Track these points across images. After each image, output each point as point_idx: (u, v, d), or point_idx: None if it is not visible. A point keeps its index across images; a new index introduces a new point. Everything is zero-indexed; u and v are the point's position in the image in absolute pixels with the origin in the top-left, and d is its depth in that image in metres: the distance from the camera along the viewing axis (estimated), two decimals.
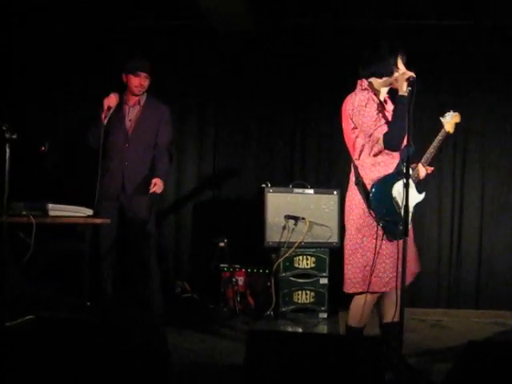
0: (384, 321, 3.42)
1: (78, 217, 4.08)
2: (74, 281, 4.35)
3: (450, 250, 5.54)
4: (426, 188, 3.49)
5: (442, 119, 3.44)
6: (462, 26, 5.39)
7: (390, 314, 3.27)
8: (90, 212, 4.18)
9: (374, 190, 3.20)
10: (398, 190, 3.20)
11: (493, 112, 5.46)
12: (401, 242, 2.91)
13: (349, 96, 3.36)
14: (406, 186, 2.75)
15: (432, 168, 3.44)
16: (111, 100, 4.31)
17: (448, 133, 3.42)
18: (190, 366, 3.55)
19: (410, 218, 3.02)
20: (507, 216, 5.58)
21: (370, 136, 3.23)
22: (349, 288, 3.35)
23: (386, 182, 3.23)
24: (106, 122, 4.29)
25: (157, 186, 4.40)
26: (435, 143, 3.37)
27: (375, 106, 3.24)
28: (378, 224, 3.19)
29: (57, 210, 4.01)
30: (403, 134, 3.05)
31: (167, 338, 2.77)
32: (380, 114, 3.22)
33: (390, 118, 3.23)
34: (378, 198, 3.20)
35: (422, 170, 3.36)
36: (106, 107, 4.28)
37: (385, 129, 3.18)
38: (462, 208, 5.58)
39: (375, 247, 3.19)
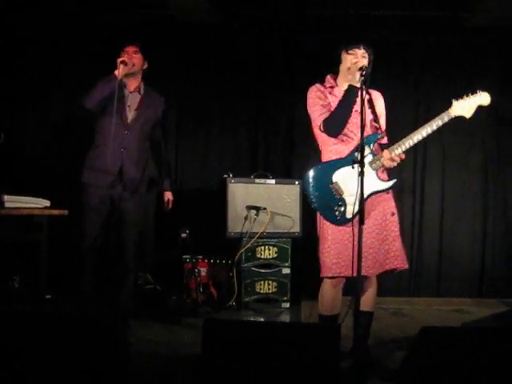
0: (356, 308, 3.44)
1: (34, 208, 4.02)
2: (32, 273, 4.28)
3: (411, 239, 5.60)
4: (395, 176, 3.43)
5: (456, 101, 3.23)
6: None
7: (363, 302, 3.27)
8: (47, 203, 4.12)
9: (308, 174, 3.33)
10: (342, 175, 3.27)
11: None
12: (356, 226, 2.91)
13: None
14: (361, 173, 2.75)
15: (403, 156, 3.29)
16: (124, 57, 4.14)
17: (462, 117, 3.24)
18: (152, 356, 3.53)
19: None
20: (468, 204, 5.67)
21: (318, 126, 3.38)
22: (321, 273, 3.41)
23: (327, 167, 3.34)
24: (120, 76, 4.08)
25: (170, 200, 4.65)
26: (424, 129, 3.21)
27: (326, 97, 3.38)
28: (311, 206, 3.33)
29: (13, 202, 3.94)
30: (342, 122, 3.25)
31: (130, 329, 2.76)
32: (328, 106, 3.34)
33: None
34: (311, 182, 3.32)
35: (388, 158, 3.25)
36: (118, 62, 4.07)
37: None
38: (422, 196, 5.65)
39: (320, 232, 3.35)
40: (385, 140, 3.42)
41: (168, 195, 4.67)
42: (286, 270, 5.01)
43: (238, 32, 5.52)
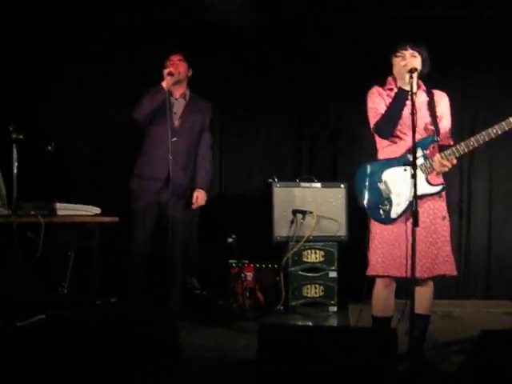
0: (412, 311, 3.41)
1: (86, 215, 4.10)
2: (84, 279, 4.36)
3: (459, 240, 5.51)
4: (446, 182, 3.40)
5: None
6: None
7: (418, 304, 3.24)
8: (97, 210, 4.19)
9: (359, 170, 3.39)
10: (392, 175, 3.29)
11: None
12: (406, 228, 2.88)
13: None
14: (414, 176, 2.74)
15: (454, 161, 3.25)
16: (171, 67, 4.22)
17: None
18: (202, 361, 3.54)
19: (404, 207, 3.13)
20: None
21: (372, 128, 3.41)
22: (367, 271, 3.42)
23: (378, 166, 3.36)
24: (168, 88, 4.18)
25: (199, 199, 4.47)
26: (482, 136, 3.17)
27: (383, 100, 3.37)
28: (358, 204, 3.36)
29: (65, 209, 4.03)
30: (391, 124, 3.29)
31: (180, 334, 2.79)
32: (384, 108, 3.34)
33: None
34: (361, 178, 3.36)
35: (439, 162, 3.22)
36: (165, 73, 4.17)
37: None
38: (470, 196, 5.55)
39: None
40: (447, 141, 3.37)
41: (198, 193, 4.50)
42: (333, 274, 4.99)
43: (282, 35, 5.49)
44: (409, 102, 3.17)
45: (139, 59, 5.22)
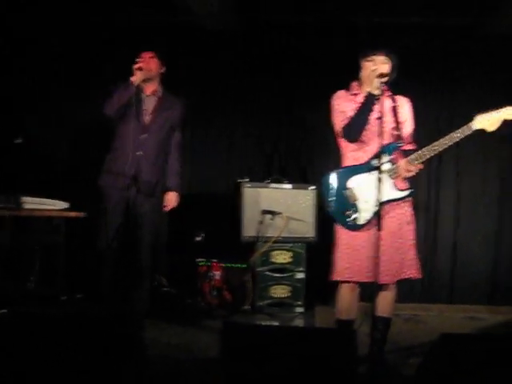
0: (374, 313, 3.45)
1: (52, 210, 4.06)
2: (49, 274, 4.32)
3: (425, 245, 5.59)
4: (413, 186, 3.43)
5: (479, 115, 3.21)
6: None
7: (380, 307, 3.33)
8: (65, 205, 4.15)
9: (326, 178, 3.39)
10: (357, 181, 3.30)
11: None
12: (373, 233, 2.92)
13: None
14: (379, 181, 2.77)
15: (420, 166, 3.29)
16: (141, 63, 4.17)
17: (482, 130, 3.22)
18: (167, 358, 3.54)
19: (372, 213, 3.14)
20: (482, 210, 5.66)
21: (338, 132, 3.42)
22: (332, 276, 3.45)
23: (344, 173, 3.36)
24: (136, 83, 4.15)
25: (172, 201, 4.47)
26: (445, 141, 3.20)
27: (349, 104, 3.38)
28: (326, 210, 3.38)
29: (31, 203, 3.98)
30: (358, 128, 3.29)
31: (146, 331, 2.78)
32: (350, 112, 3.35)
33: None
34: (328, 186, 3.36)
35: (405, 167, 3.26)
36: (135, 68, 4.13)
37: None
38: (437, 202, 5.64)
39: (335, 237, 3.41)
40: (410, 146, 3.41)
41: (171, 195, 4.50)
42: (301, 275, 5.01)
43: (255, 38, 5.54)
44: (375, 107, 3.23)
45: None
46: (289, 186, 5.06)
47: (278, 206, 4.97)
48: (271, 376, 2.55)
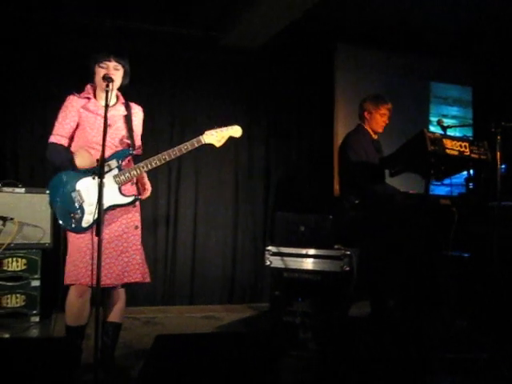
0: (104, 319, 3.42)
1: None
2: None
3: (165, 249, 5.76)
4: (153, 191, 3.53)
5: (208, 131, 3.38)
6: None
7: (109, 313, 3.37)
8: None
9: (52, 180, 3.33)
10: (85, 184, 3.28)
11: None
12: (95, 236, 2.90)
13: None
14: (100, 186, 2.77)
15: (144, 173, 3.42)
16: None
17: (211, 145, 3.39)
18: None
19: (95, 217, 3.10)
20: (220, 217, 5.99)
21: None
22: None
23: (72, 175, 3.29)
24: None
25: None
26: (174, 152, 3.30)
27: (74, 109, 3.36)
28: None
29: None
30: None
31: None
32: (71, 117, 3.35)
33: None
34: (53, 188, 3.31)
35: (132, 174, 3.32)
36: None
37: None
38: (176, 208, 5.84)
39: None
40: (139, 152, 3.50)
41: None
42: (36, 283, 4.81)
43: None
44: (112, 114, 3.27)
45: None
46: (22, 189, 4.82)
47: (11, 211, 4.70)
48: None
